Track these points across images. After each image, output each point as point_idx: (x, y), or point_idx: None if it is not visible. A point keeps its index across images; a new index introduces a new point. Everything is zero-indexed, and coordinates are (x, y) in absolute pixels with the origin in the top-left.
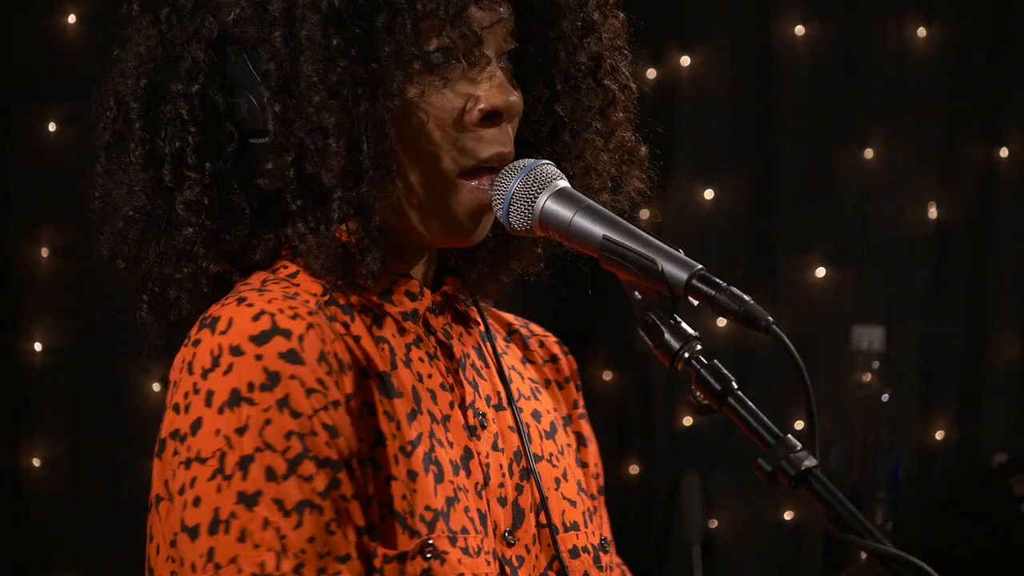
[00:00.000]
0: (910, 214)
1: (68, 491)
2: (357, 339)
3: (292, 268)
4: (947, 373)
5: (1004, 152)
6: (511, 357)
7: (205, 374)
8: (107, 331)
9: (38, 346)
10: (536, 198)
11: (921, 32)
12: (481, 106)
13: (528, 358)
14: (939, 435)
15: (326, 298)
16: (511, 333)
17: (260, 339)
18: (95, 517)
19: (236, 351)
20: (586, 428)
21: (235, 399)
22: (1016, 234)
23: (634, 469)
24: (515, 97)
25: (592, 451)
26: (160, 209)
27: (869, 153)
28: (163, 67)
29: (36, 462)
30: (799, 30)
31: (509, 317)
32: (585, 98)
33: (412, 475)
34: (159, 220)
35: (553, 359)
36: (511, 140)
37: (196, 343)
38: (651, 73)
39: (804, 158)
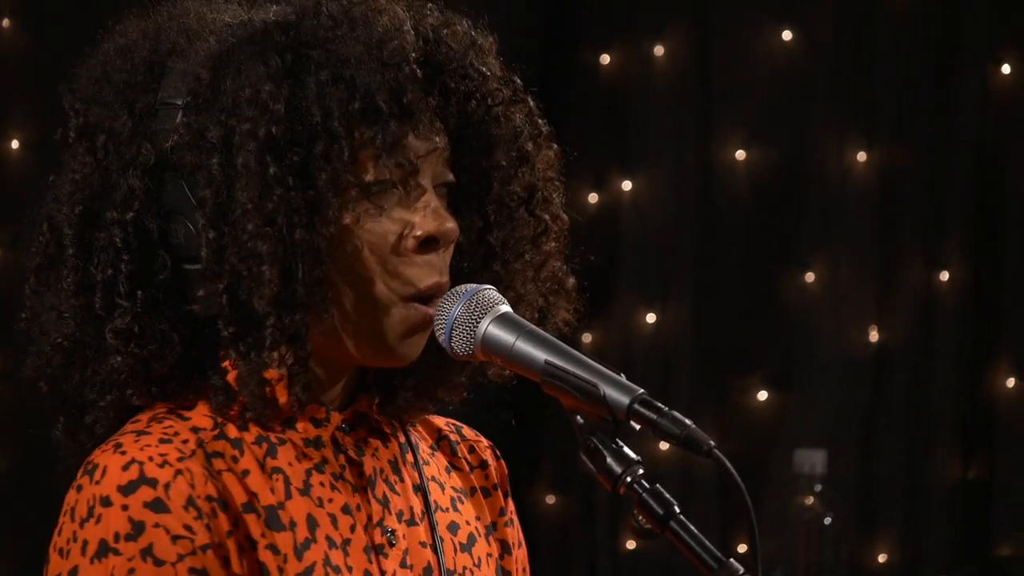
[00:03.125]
0: (851, 337)
1: None
2: (245, 473)
3: (193, 400)
4: (889, 495)
5: (944, 275)
6: (433, 466)
7: (82, 523)
8: (48, 453)
9: None
10: (478, 323)
11: (861, 156)
12: (417, 233)
13: (455, 465)
14: (882, 558)
15: (215, 432)
16: (439, 440)
17: (127, 489)
18: None
19: (106, 502)
20: (512, 535)
21: (103, 549)
22: (956, 357)
23: None
24: (451, 224)
25: (518, 556)
26: (89, 336)
27: (810, 276)
28: (98, 194)
29: None
30: (740, 154)
31: (439, 422)
32: (518, 228)
33: None
34: (87, 347)
35: (483, 465)
36: (447, 268)
37: (79, 488)
38: (593, 197)
39: (746, 281)
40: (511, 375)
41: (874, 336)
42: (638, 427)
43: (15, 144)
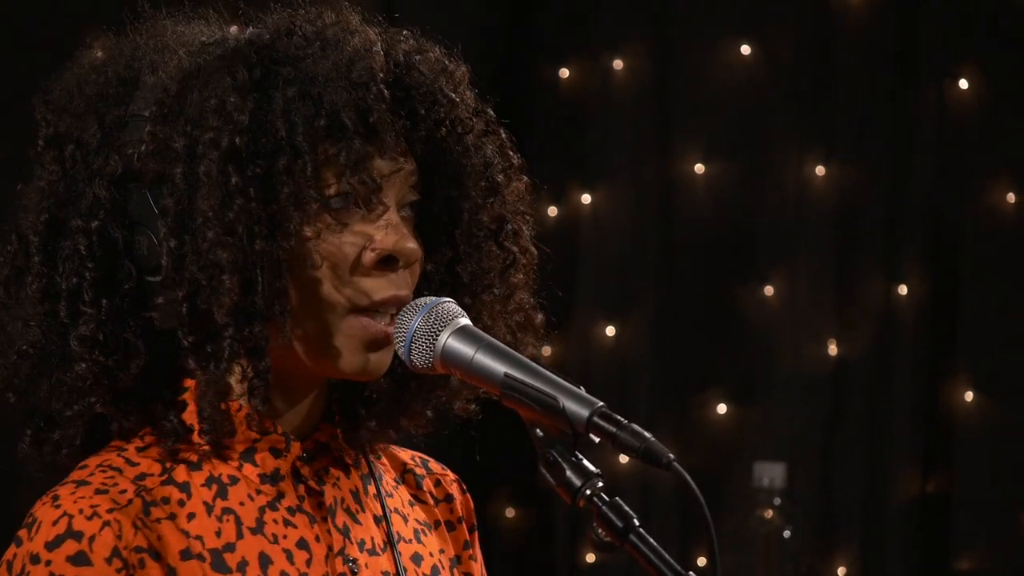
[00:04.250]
0: (811, 351)
1: None
2: (191, 517)
3: (148, 439)
4: (848, 509)
5: (903, 289)
6: (397, 499)
7: None
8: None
9: None
10: (438, 335)
11: (820, 170)
12: (376, 248)
13: (418, 498)
14: (841, 571)
15: (163, 477)
16: (404, 473)
17: (53, 544)
18: None
19: (35, 559)
20: (476, 569)
21: None
22: (915, 370)
23: None
24: (413, 244)
25: None
26: (54, 344)
27: (769, 290)
28: (64, 203)
29: None
30: (699, 168)
31: (405, 455)
32: (486, 260)
33: None
34: (52, 355)
35: (448, 499)
36: (409, 285)
37: (18, 542)
38: (552, 211)
39: (705, 295)
40: (477, 411)
41: (833, 350)
42: (598, 440)
43: None
